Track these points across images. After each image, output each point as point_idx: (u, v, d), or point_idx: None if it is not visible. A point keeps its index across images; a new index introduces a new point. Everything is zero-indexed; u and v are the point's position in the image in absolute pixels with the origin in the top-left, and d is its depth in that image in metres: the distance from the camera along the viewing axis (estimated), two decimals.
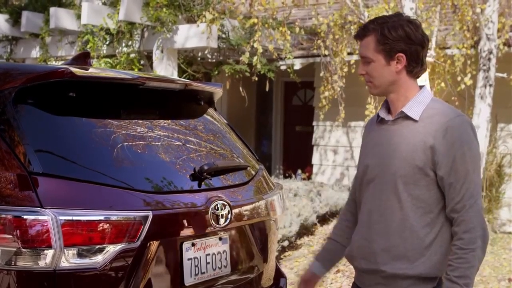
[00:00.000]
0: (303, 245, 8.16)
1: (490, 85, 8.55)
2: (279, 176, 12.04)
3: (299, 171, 11.45)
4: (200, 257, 3.28)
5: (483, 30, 8.62)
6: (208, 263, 3.32)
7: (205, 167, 3.33)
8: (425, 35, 2.76)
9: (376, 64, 2.75)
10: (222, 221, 3.32)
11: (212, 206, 3.29)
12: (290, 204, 8.26)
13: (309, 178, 11.35)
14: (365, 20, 9.24)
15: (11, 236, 2.71)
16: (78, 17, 10.38)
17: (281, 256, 7.59)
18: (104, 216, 2.86)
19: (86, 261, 2.82)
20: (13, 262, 2.72)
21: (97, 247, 2.84)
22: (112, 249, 2.86)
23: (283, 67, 10.67)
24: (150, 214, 2.98)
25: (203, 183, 3.35)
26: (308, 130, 11.96)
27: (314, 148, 11.71)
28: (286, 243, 7.69)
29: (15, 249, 2.71)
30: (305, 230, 8.45)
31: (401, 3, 8.75)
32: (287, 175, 11.75)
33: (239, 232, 3.57)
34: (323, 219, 8.89)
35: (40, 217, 2.72)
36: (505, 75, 8.87)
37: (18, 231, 2.70)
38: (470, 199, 2.62)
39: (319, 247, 3.64)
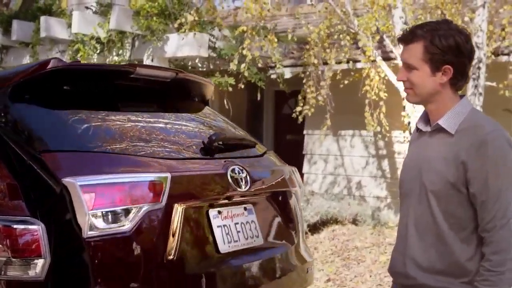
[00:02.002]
0: None
1: (480, 94, 8.58)
2: None
3: None
4: (229, 225, 3.30)
5: (473, 38, 8.67)
6: (239, 231, 3.34)
7: (213, 137, 3.39)
8: (473, 47, 2.63)
9: (420, 73, 2.60)
10: (242, 184, 3.35)
11: (230, 169, 3.32)
12: None
13: None
14: (355, 29, 9.28)
15: (0, 246, 2.70)
16: (69, 26, 10.40)
17: None
18: (124, 179, 2.87)
19: (114, 226, 2.80)
20: (2, 272, 2.71)
21: (122, 209, 2.82)
22: (138, 210, 2.85)
23: (273, 76, 10.68)
24: (168, 175, 2.98)
25: (215, 153, 3.40)
26: (299, 139, 11.97)
27: (305, 156, 11.72)
28: None
29: (5, 259, 2.70)
30: None
31: (391, 12, 8.80)
32: None
33: (263, 203, 3.62)
34: (314, 228, 8.88)
35: (30, 227, 2.71)
36: (494, 83, 8.91)
37: (7, 240, 2.70)
38: (502, 219, 2.48)
39: None
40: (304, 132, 11.63)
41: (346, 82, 9.66)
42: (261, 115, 13.51)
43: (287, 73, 10.60)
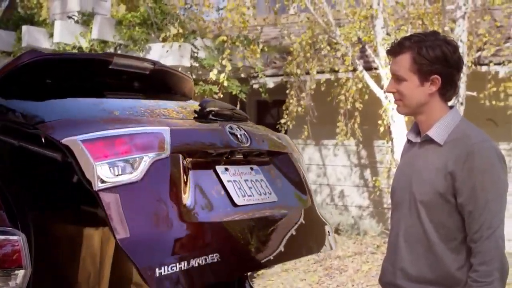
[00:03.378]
0: None
1: (461, 104, 8.64)
2: None
3: None
4: (239, 181, 3.27)
5: None
6: (251, 187, 3.30)
7: (204, 104, 3.38)
8: (461, 57, 2.66)
9: (408, 84, 2.63)
10: (243, 140, 3.33)
11: (227, 126, 3.31)
12: None
13: None
14: (337, 38, 9.33)
15: None
16: (51, 35, 10.34)
17: (254, 275, 7.57)
18: (124, 131, 2.85)
19: (123, 176, 2.73)
20: None
21: (128, 159, 2.77)
22: (145, 160, 2.80)
23: (255, 86, 10.70)
24: (167, 128, 2.95)
25: (208, 118, 3.39)
26: None
27: None
28: None
29: None
30: None
31: (372, 22, 8.86)
32: None
33: (269, 164, 3.60)
34: None
35: (11, 237, 2.70)
36: (475, 93, 8.98)
37: None
38: (488, 230, 2.49)
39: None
40: None
41: (326, 91, 9.69)
42: None
43: (270, 83, 10.62)
